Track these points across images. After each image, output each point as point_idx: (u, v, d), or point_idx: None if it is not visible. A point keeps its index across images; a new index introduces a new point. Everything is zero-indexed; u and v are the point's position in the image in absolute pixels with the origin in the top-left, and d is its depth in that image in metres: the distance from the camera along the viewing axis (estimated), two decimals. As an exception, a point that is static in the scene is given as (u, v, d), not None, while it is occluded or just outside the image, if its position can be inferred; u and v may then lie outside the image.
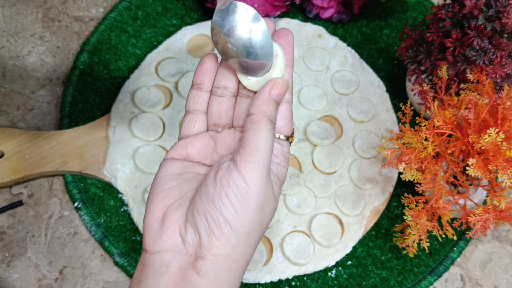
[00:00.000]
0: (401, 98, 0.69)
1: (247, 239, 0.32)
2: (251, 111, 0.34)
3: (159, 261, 0.32)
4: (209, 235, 0.31)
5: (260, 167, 0.32)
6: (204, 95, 0.38)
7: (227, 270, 0.32)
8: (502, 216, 0.50)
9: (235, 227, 0.31)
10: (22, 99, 0.66)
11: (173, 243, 0.32)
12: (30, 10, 0.72)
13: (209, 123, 0.38)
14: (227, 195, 0.31)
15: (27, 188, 0.61)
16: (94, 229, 0.59)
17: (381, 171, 0.63)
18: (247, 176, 0.32)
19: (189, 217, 0.32)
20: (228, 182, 0.32)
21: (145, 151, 0.61)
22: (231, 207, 0.31)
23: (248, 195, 0.32)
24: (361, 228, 0.60)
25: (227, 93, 0.37)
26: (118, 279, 0.57)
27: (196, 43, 0.70)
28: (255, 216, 0.32)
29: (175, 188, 0.34)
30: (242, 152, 0.32)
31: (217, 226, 0.31)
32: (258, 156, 0.32)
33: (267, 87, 0.35)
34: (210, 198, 0.32)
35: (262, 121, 0.33)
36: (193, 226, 0.32)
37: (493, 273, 0.60)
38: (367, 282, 0.58)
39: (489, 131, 0.48)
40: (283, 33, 0.37)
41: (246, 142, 0.33)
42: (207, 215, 0.31)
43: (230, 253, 0.32)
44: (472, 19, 0.54)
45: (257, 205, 0.32)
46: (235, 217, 0.31)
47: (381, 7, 0.76)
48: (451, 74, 0.57)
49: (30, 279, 0.56)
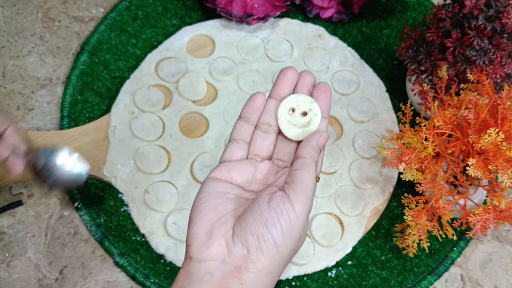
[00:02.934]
0: (401, 98, 0.69)
1: (285, 260, 0.37)
2: (302, 155, 0.40)
3: (204, 269, 0.36)
4: (257, 252, 0.36)
5: (308, 203, 0.37)
6: (250, 128, 0.43)
7: (265, 283, 0.37)
8: (502, 216, 0.50)
9: (280, 249, 0.36)
10: (22, 99, 0.66)
11: (219, 254, 0.36)
12: (30, 10, 0.72)
13: (250, 152, 0.43)
14: (279, 221, 0.36)
15: (27, 188, 0.61)
16: (94, 229, 0.59)
17: (381, 171, 0.63)
18: (297, 208, 0.37)
19: (239, 233, 0.37)
20: (281, 210, 0.37)
21: (145, 151, 0.61)
22: (281, 231, 0.36)
23: (295, 224, 0.37)
24: (361, 228, 0.60)
25: (271, 130, 0.43)
26: (118, 279, 0.57)
27: (196, 43, 0.70)
28: (296, 243, 0.37)
29: (220, 205, 0.39)
30: (294, 187, 0.38)
31: (266, 246, 0.36)
32: (307, 193, 0.38)
33: (315, 138, 0.40)
34: (263, 221, 0.36)
35: (311, 164, 0.39)
36: (242, 242, 0.36)
37: (493, 273, 0.60)
38: (367, 282, 0.58)
39: (489, 131, 0.48)
40: (323, 89, 0.43)
41: (297, 179, 0.38)
42: (259, 235, 0.36)
43: (270, 270, 0.36)
44: (472, 19, 0.54)
45: (299, 233, 0.37)
46: (282, 241, 0.36)
47: (381, 7, 0.76)
48: (451, 74, 0.57)
49: (30, 279, 0.56)
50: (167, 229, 0.58)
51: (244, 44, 0.70)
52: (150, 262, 0.57)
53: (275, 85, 0.44)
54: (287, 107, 0.42)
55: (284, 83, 0.43)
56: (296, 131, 0.42)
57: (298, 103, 0.42)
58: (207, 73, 0.68)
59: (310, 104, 0.42)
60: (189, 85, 0.66)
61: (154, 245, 0.58)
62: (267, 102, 0.43)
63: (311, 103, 0.42)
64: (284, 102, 0.42)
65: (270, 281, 0.37)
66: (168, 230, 0.58)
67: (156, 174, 0.61)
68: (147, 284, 0.56)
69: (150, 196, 0.59)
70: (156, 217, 0.59)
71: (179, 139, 0.63)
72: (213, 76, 0.67)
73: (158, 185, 0.60)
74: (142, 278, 0.56)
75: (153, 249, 0.58)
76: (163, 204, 0.59)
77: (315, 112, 0.42)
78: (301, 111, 0.42)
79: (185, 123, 0.65)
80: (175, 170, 0.61)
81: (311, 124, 0.42)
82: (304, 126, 0.42)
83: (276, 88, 0.43)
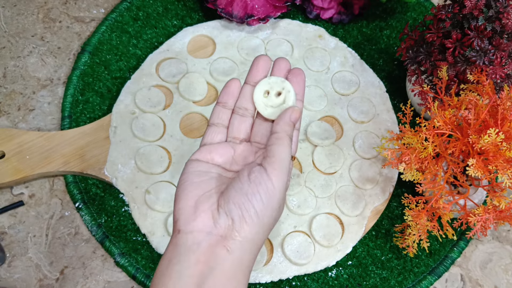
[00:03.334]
0: (401, 98, 0.69)
1: (266, 228, 0.40)
2: (276, 130, 0.43)
3: (191, 239, 0.38)
4: (241, 220, 0.39)
5: (283, 174, 0.40)
6: (227, 112, 0.46)
7: (249, 250, 0.39)
8: (502, 216, 0.51)
9: (262, 217, 0.39)
10: (23, 100, 0.66)
11: (205, 225, 0.39)
12: (31, 11, 0.72)
13: (229, 135, 0.46)
14: (259, 191, 0.39)
15: (28, 188, 0.61)
16: (95, 229, 0.59)
17: (382, 171, 0.63)
18: (274, 179, 0.40)
19: (222, 205, 0.40)
20: (259, 181, 0.39)
21: (146, 151, 0.61)
22: (261, 201, 0.39)
23: (273, 194, 0.40)
24: (361, 228, 0.60)
25: (248, 113, 0.46)
26: (119, 279, 0.57)
27: (196, 44, 0.70)
28: (275, 213, 0.41)
29: (203, 183, 0.42)
30: (269, 161, 0.40)
31: (248, 214, 0.39)
32: (282, 165, 0.40)
33: (288, 113, 0.43)
34: (244, 192, 0.39)
35: (285, 138, 0.42)
36: (227, 213, 0.39)
37: (493, 273, 0.60)
38: (368, 282, 0.58)
39: (489, 132, 0.48)
40: (297, 73, 0.46)
41: (272, 153, 0.41)
42: (241, 205, 0.39)
43: (253, 237, 0.39)
44: (472, 19, 0.54)
45: (277, 203, 0.40)
46: (262, 209, 0.39)
47: (381, 8, 0.76)
48: (451, 75, 0.58)
49: (31, 279, 0.56)
50: (168, 229, 0.58)
51: (244, 44, 0.70)
52: (151, 262, 0.58)
53: (249, 72, 0.46)
54: (261, 90, 0.45)
55: (258, 69, 0.46)
56: (273, 110, 0.45)
57: (271, 84, 0.45)
58: (207, 74, 0.68)
59: (282, 83, 0.45)
60: (189, 86, 0.66)
61: (155, 245, 0.58)
62: (243, 88, 0.46)
63: (283, 82, 0.45)
64: (258, 86, 0.45)
65: (254, 247, 0.40)
66: (169, 230, 0.58)
67: (157, 174, 0.61)
68: (148, 284, 0.56)
69: (151, 196, 0.59)
70: (157, 217, 0.59)
71: (179, 140, 0.63)
72: (214, 76, 0.67)
73: (159, 185, 0.60)
74: (143, 278, 0.57)
75: (154, 249, 0.58)
76: (164, 204, 0.59)
77: (288, 89, 0.45)
78: (275, 91, 0.45)
79: (185, 124, 0.65)
80: (176, 170, 0.61)
81: (286, 101, 0.44)
82: (280, 105, 0.45)
83: (250, 74, 0.46)
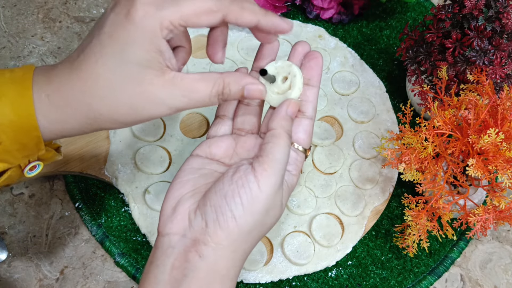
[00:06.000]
0: (401, 98, 0.69)
1: (248, 235, 0.36)
2: (271, 126, 0.38)
3: (167, 242, 0.36)
4: (214, 225, 0.35)
5: (275, 177, 0.36)
6: (233, 103, 0.42)
7: (226, 257, 0.35)
8: (502, 216, 0.51)
9: (240, 224, 0.35)
10: (23, 100, 0.66)
11: (180, 227, 0.36)
12: (31, 11, 0.72)
13: (234, 127, 0.42)
14: (239, 194, 0.35)
15: (28, 188, 0.61)
16: (95, 229, 0.59)
17: (381, 171, 0.63)
18: (262, 181, 0.35)
19: (200, 206, 0.36)
20: (243, 183, 0.35)
21: (146, 151, 0.61)
22: (240, 205, 0.35)
23: (257, 198, 0.35)
24: (361, 228, 0.60)
25: (253, 103, 0.42)
26: (119, 279, 0.57)
27: (196, 44, 0.70)
28: (260, 218, 0.36)
29: (191, 181, 0.38)
30: (261, 160, 0.36)
31: (224, 219, 0.35)
32: (275, 166, 0.36)
33: (283, 106, 0.39)
34: (223, 193, 0.35)
35: (282, 135, 0.37)
36: (202, 215, 0.36)
37: (493, 273, 0.60)
38: (367, 282, 0.58)
39: (489, 132, 0.48)
40: (312, 56, 0.41)
41: (265, 153, 0.36)
42: (217, 207, 0.35)
43: (230, 244, 0.35)
44: (472, 19, 0.54)
45: (263, 208, 0.36)
46: (242, 215, 0.35)
47: (381, 8, 0.76)
48: (451, 75, 0.58)
49: (31, 279, 0.56)
50: (168, 229, 0.58)
51: (244, 44, 0.70)
52: (150, 262, 0.58)
53: (256, 59, 0.42)
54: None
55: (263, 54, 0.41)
56: (280, 98, 0.40)
57: (277, 69, 0.41)
58: (207, 74, 0.68)
59: (288, 67, 0.40)
60: (189, 86, 0.66)
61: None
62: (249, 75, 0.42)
63: (289, 66, 0.40)
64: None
65: (233, 255, 0.36)
66: (169, 230, 0.58)
67: (157, 174, 0.61)
68: (147, 284, 0.56)
69: (151, 196, 0.59)
70: (156, 217, 0.59)
71: (180, 140, 0.63)
72: (214, 76, 0.67)
73: (159, 185, 0.60)
74: (143, 278, 0.57)
75: (153, 249, 0.58)
76: (163, 204, 0.59)
77: (294, 74, 0.40)
78: (281, 77, 0.40)
79: (186, 124, 0.65)
80: (176, 170, 0.61)
81: (292, 87, 0.40)
82: (286, 91, 0.40)
83: (256, 60, 0.42)
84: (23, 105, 0.35)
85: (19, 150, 0.37)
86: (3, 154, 0.36)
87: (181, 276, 0.35)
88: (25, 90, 0.35)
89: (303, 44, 0.41)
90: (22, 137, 0.36)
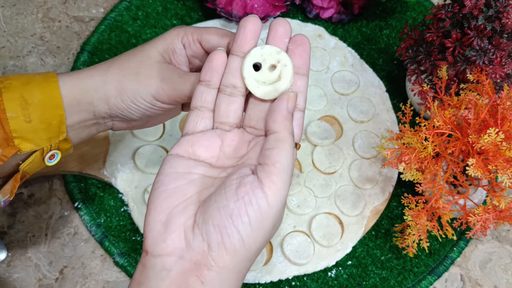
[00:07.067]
0: (401, 98, 0.69)
1: (254, 254, 0.33)
2: (274, 129, 0.34)
3: (161, 264, 0.32)
4: (219, 248, 0.31)
5: (284, 190, 0.32)
6: (212, 92, 0.37)
7: (230, 280, 0.32)
8: (502, 216, 0.50)
9: (248, 244, 0.31)
10: (22, 99, 0.66)
11: (176, 247, 0.32)
12: (30, 10, 0.72)
13: (216, 120, 0.38)
14: (247, 213, 0.31)
15: (27, 188, 0.61)
16: (94, 229, 0.59)
17: (381, 171, 0.63)
18: (271, 197, 0.31)
19: (200, 224, 0.32)
20: (250, 200, 0.31)
21: (145, 151, 0.61)
22: (248, 225, 0.31)
23: (267, 214, 0.31)
24: (361, 228, 0.60)
25: (237, 92, 0.37)
26: (118, 279, 0.57)
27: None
28: (268, 234, 0.33)
29: (179, 189, 0.34)
30: (267, 170, 0.32)
31: (230, 241, 0.31)
32: (284, 177, 0.32)
33: (283, 102, 0.35)
34: (229, 212, 0.31)
35: (287, 138, 0.33)
36: (203, 235, 0.31)
37: (493, 273, 0.60)
38: (367, 282, 0.58)
39: (489, 131, 0.48)
40: (299, 41, 0.37)
41: (272, 161, 0.32)
42: (222, 228, 0.31)
43: (236, 266, 0.32)
44: (472, 19, 0.54)
45: (272, 224, 0.32)
46: (250, 235, 0.31)
47: (381, 7, 0.76)
48: (451, 74, 0.58)
49: (30, 279, 0.56)
50: (167, 229, 0.58)
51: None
52: (150, 262, 0.57)
53: (235, 40, 0.36)
54: (251, 62, 0.36)
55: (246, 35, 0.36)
56: (267, 89, 0.36)
57: (264, 56, 0.36)
58: (207, 73, 0.68)
59: (277, 54, 0.36)
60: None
61: (154, 245, 0.58)
62: (229, 61, 0.37)
63: (278, 53, 0.36)
64: (247, 58, 0.36)
65: (236, 276, 0.32)
66: (168, 230, 0.58)
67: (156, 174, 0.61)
68: (147, 284, 0.56)
69: (150, 196, 0.59)
70: (156, 217, 0.59)
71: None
72: (213, 76, 0.67)
73: (158, 185, 0.60)
74: (142, 278, 0.57)
75: (153, 249, 0.58)
76: (163, 204, 0.59)
77: (285, 63, 0.36)
78: (268, 64, 0.36)
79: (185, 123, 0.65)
80: (175, 170, 0.61)
81: (282, 78, 0.36)
82: (275, 82, 0.36)
83: (236, 43, 0.36)
84: (49, 86, 0.40)
85: (45, 130, 0.39)
86: (31, 133, 0.39)
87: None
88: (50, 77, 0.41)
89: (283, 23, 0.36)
90: (48, 115, 0.39)
